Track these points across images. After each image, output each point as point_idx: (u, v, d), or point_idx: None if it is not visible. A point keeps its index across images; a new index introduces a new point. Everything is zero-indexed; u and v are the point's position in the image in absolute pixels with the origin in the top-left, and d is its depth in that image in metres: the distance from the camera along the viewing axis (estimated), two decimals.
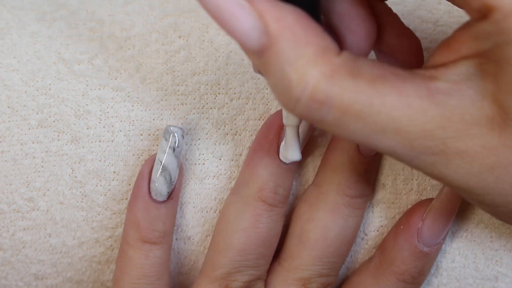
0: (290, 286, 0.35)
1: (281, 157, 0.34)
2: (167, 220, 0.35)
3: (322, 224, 0.35)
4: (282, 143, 0.34)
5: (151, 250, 0.35)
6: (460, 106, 0.24)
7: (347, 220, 0.35)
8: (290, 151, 0.34)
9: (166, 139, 0.34)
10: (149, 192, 0.35)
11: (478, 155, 0.24)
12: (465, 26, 0.24)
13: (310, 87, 0.23)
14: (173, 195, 0.35)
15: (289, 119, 0.32)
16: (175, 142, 0.34)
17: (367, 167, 0.35)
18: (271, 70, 0.24)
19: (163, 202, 0.35)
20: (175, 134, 0.34)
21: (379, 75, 0.24)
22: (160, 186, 0.34)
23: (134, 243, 0.35)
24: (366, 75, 0.24)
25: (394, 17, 0.29)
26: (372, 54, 0.34)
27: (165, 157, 0.34)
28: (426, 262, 0.35)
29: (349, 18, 0.28)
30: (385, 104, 0.23)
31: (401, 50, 0.30)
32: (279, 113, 0.35)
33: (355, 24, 0.28)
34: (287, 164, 0.35)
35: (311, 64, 0.23)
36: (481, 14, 0.22)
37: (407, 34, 0.30)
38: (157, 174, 0.34)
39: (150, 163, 0.35)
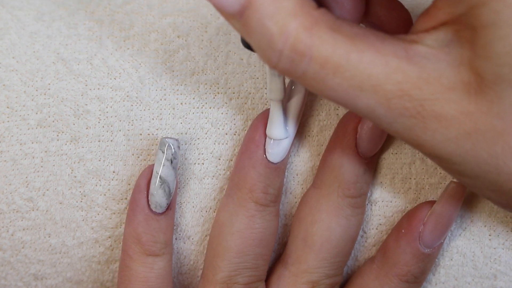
0: None
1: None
2: (167, 230, 0.35)
3: (326, 226, 0.35)
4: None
5: (155, 262, 0.35)
6: (437, 70, 0.24)
7: (350, 220, 0.35)
8: (274, 129, 0.34)
9: (162, 151, 0.34)
10: (148, 205, 0.35)
11: (455, 120, 0.24)
12: None
13: (291, 38, 0.24)
14: (171, 205, 0.35)
15: (272, 93, 0.32)
16: (172, 154, 0.34)
17: (366, 167, 0.35)
18: (252, 28, 0.24)
19: (162, 213, 0.35)
20: (171, 145, 0.34)
21: (358, 33, 0.24)
22: (159, 198, 0.34)
23: (137, 257, 0.35)
24: (345, 32, 0.24)
25: None
26: None
27: (163, 170, 0.34)
28: (428, 262, 0.35)
29: None
30: (362, 60, 0.24)
31: (390, 21, 0.30)
32: (263, 114, 0.35)
33: None
34: (275, 164, 0.35)
35: (290, 16, 0.24)
36: None
37: (396, 5, 0.30)
38: (156, 186, 0.34)
39: (146, 175, 0.35)
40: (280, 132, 0.34)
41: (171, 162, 0.34)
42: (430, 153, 0.26)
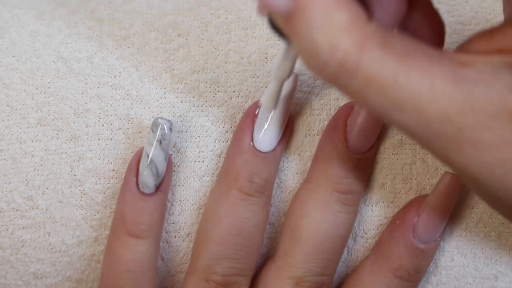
0: (283, 285, 0.35)
1: (259, 102, 0.34)
2: (154, 213, 0.35)
3: (312, 220, 0.35)
4: (256, 123, 0.35)
5: (137, 245, 0.34)
6: (484, 96, 0.23)
7: (338, 217, 0.35)
8: (266, 99, 0.33)
9: (153, 131, 0.34)
10: (137, 185, 0.35)
11: (493, 147, 0.24)
12: None
13: (340, 55, 0.23)
14: (161, 188, 0.35)
15: (280, 72, 0.32)
16: (162, 135, 0.34)
17: (358, 163, 0.35)
18: (298, 34, 0.23)
19: (151, 195, 0.35)
20: (163, 126, 0.34)
21: (408, 51, 0.24)
22: (147, 178, 0.34)
23: (120, 236, 0.35)
24: (395, 48, 0.23)
25: None
26: None
27: (151, 150, 0.34)
28: (422, 259, 0.35)
29: None
30: (408, 81, 0.23)
31: (424, 31, 0.29)
32: (254, 104, 0.35)
33: (387, 0, 0.27)
34: (263, 152, 0.35)
35: (342, 32, 0.23)
36: None
37: (434, 16, 0.29)
38: (144, 166, 0.34)
39: (138, 155, 0.35)
40: (270, 105, 0.33)
41: (160, 143, 0.34)
42: (456, 170, 0.25)
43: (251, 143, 0.35)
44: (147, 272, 0.35)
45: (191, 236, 0.37)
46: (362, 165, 0.35)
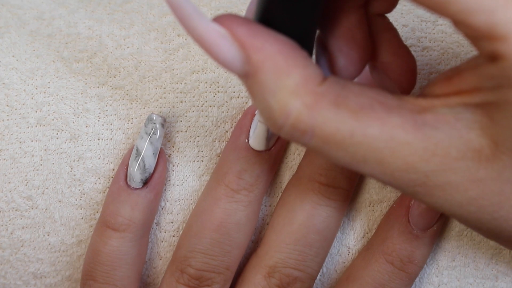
0: (256, 274, 0.35)
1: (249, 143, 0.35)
2: (136, 207, 0.35)
3: (290, 208, 0.35)
4: (251, 131, 0.35)
5: (111, 237, 0.34)
6: (446, 140, 0.23)
7: (316, 208, 0.35)
8: (256, 142, 0.34)
9: (145, 126, 0.34)
10: (125, 177, 0.35)
11: (461, 187, 0.24)
12: (471, 65, 0.24)
13: (292, 118, 0.23)
14: (149, 184, 0.35)
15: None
16: (152, 129, 0.34)
17: None
18: (255, 96, 0.24)
19: (136, 189, 0.35)
20: (154, 121, 0.34)
21: (364, 105, 0.24)
22: (132, 171, 0.34)
23: (100, 226, 0.35)
24: (350, 104, 0.23)
25: (392, 34, 0.29)
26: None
27: (140, 143, 0.34)
28: (416, 247, 0.35)
29: (344, 41, 0.27)
30: (366, 135, 0.23)
31: (394, 69, 0.29)
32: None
33: (349, 48, 0.27)
34: (257, 151, 0.35)
35: (292, 95, 0.23)
36: (491, 58, 0.22)
37: (402, 53, 0.29)
38: (132, 159, 0.35)
39: (131, 150, 0.35)
40: (261, 147, 0.34)
41: (150, 137, 0.34)
42: (432, 208, 0.25)
43: (246, 140, 0.34)
44: (120, 268, 0.35)
45: None
46: None
